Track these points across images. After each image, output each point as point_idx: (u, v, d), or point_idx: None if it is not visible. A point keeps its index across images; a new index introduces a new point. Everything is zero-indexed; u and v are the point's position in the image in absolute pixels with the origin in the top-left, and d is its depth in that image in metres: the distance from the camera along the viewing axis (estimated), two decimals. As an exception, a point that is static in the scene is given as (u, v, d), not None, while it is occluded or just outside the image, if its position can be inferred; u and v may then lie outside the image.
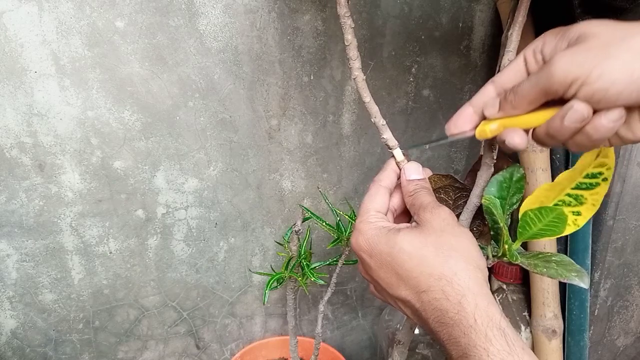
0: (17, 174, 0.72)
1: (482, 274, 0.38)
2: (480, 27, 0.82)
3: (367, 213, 0.43)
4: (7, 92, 0.67)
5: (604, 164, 0.38)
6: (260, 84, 0.76)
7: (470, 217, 0.45)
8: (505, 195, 0.43)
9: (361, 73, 0.45)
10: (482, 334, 0.34)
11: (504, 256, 0.44)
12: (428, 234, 0.39)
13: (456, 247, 0.38)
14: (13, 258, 0.77)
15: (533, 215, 0.41)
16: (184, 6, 0.69)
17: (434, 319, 0.37)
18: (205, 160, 0.79)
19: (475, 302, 0.35)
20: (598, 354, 0.96)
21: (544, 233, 0.41)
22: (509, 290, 0.89)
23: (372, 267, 0.42)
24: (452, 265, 0.37)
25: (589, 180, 0.39)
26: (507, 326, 0.35)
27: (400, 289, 0.40)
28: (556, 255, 0.43)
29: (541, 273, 0.41)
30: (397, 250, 0.39)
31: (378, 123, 0.46)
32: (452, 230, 0.39)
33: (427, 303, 0.38)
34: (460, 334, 0.35)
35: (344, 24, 0.43)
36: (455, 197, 0.47)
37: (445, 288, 0.36)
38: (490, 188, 0.43)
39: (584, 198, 0.40)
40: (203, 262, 0.87)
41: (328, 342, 0.99)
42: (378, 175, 0.46)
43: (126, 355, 0.90)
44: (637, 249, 0.86)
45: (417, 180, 0.45)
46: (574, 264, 0.41)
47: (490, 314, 0.35)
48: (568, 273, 0.40)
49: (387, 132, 0.46)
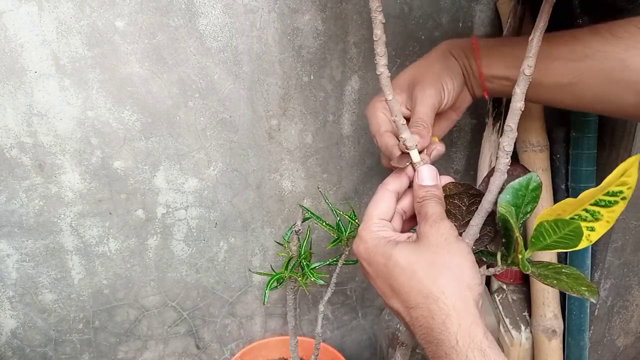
0: (17, 174, 0.72)
1: (472, 292, 0.37)
2: (480, 27, 0.82)
3: (370, 220, 0.43)
4: (7, 92, 0.67)
5: (626, 183, 0.38)
6: (260, 84, 0.76)
7: (481, 223, 0.44)
8: (519, 204, 0.43)
9: (387, 70, 0.44)
10: (463, 355, 0.34)
11: (513, 264, 0.43)
12: (424, 249, 0.39)
13: (449, 265, 0.38)
14: (13, 258, 0.77)
15: (548, 227, 0.40)
16: (184, 6, 0.69)
17: (420, 335, 0.38)
18: (205, 160, 0.79)
19: (459, 322, 0.35)
20: (598, 354, 0.96)
21: (557, 245, 0.40)
22: (509, 290, 0.89)
23: (370, 274, 0.42)
24: (441, 284, 0.37)
25: (609, 198, 0.39)
26: (488, 346, 0.35)
27: (393, 301, 0.40)
28: (566, 268, 0.42)
29: (552, 285, 0.40)
30: (392, 264, 0.39)
31: (398, 122, 0.45)
32: (448, 246, 0.39)
33: (415, 319, 0.38)
34: (442, 354, 0.35)
35: (375, 19, 0.41)
36: (469, 203, 0.46)
37: (432, 306, 0.37)
38: (505, 195, 0.43)
39: (600, 215, 0.40)
40: (203, 262, 0.87)
41: (328, 342, 0.99)
42: (387, 177, 0.46)
43: (126, 355, 0.90)
44: (637, 249, 0.86)
45: (429, 187, 0.44)
46: (584, 278, 0.41)
47: (472, 335, 0.35)
48: (578, 287, 0.40)
49: (406, 131, 0.45)
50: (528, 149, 0.78)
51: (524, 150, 0.78)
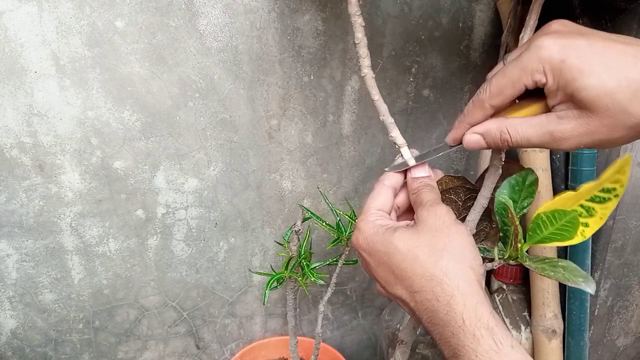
0: (17, 174, 0.72)
1: (475, 273, 0.38)
2: (480, 27, 0.82)
3: (368, 211, 0.44)
4: (7, 92, 0.67)
5: (619, 180, 0.38)
6: (260, 84, 0.76)
7: (477, 218, 0.45)
8: (516, 199, 0.43)
9: (371, 71, 0.45)
10: (470, 334, 0.34)
11: (510, 258, 0.43)
12: (423, 233, 0.39)
13: (449, 247, 0.38)
14: (13, 258, 0.77)
15: (545, 218, 0.40)
16: (184, 6, 0.69)
17: (426, 319, 0.38)
18: (205, 160, 0.79)
19: (464, 302, 0.35)
20: (598, 354, 0.96)
21: (554, 238, 0.41)
22: (509, 290, 0.89)
23: (371, 265, 0.42)
24: (443, 266, 0.37)
25: (603, 195, 0.40)
26: (495, 325, 0.35)
27: (396, 287, 0.40)
28: (562, 261, 0.43)
29: (549, 276, 0.41)
30: (393, 250, 0.39)
31: (387, 121, 0.46)
32: (447, 229, 0.39)
33: (420, 303, 0.38)
34: (449, 335, 0.35)
35: (355, 23, 0.43)
36: (465, 198, 0.47)
37: (436, 289, 0.37)
38: (502, 190, 0.43)
39: (595, 211, 0.40)
40: (203, 262, 0.87)
41: (328, 342, 0.99)
42: (383, 174, 0.47)
43: (126, 355, 0.90)
44: (637, 249, 0.86)
45: (421, 177, 0.45)
46: (580, 270, 0.41)
47: (479, 314, 0.35)
48: (575, 277, 0.40)
49: (395, 130, 0.46)
50: (528, 149, 0.78)
51: (524, 150, 0.78)
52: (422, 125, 0.88)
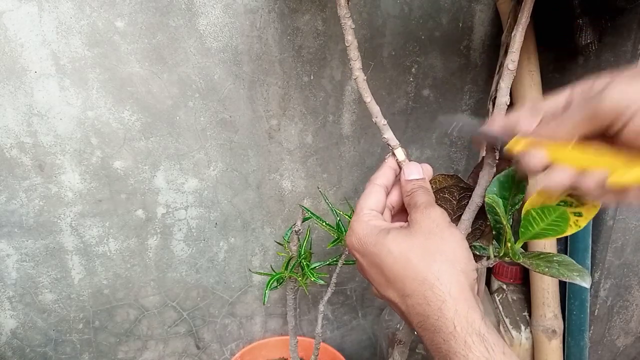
0: (17, 174, 0.72)
1: (467, 277, 0.37)
2: (480, 27, 0.82)
3: (361, 211, 0.43)
4: (7, 92, 0.67)
5: None
6: (260, 84, 0.76)
7: (472, 217, 0.45)
8: (507, 196, 0.43)
9: (362, 73, 0.45)
10: (462, 340, 0.34)
11: (505, 256, 0.43)
12: (416, 236, 0.39)
13: (442, 250, 0.38)
14: (13, 258, 0.77)
15: (535, 214, 0.40)
16: (184, 6, 0.69)
17: (417, 323, 0.37)
18: (205, 160, 0.79)
19: (455, 308, 0.35)
20: (598, 354, 0.96)
21: (546, 233, 0.41)
22: (509, 290, 0.89)
23: (364, 266, 0.42)
24: (436, 270, 0.37)
25: None
26: (487, 331, 0.34)
27: (388, 290, 0.40)
28: (557, 256, 0.43)
29: (543, 272, 0.41)
30: (385, 253, 0.39)
31: (379, 123, 0.46)
32: (440, 232, 0.39)
33: (411, 307, 0.37)
34: (440, 341, 0.35)
35: (344, 25, 0.43)
36: (459, 197, 0.46)
37: (427, 293, 0.36)
38: (492, 188, 0.43)
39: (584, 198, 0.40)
40: (203, 262, 0.87)
41: (328, 342, 0.99)
42: (374, 174, 0.46)
43: (126, 355, 0.90)
44: (637, 249, 0.85)
45: (415, 180, 0.44)
46: (575, 264, 0.41)
47: (470, 320, 0.34)
48: (570, 273, 0.40)
49: (388, 131, 0.46)
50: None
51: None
52: (422, 125, 0.88)
